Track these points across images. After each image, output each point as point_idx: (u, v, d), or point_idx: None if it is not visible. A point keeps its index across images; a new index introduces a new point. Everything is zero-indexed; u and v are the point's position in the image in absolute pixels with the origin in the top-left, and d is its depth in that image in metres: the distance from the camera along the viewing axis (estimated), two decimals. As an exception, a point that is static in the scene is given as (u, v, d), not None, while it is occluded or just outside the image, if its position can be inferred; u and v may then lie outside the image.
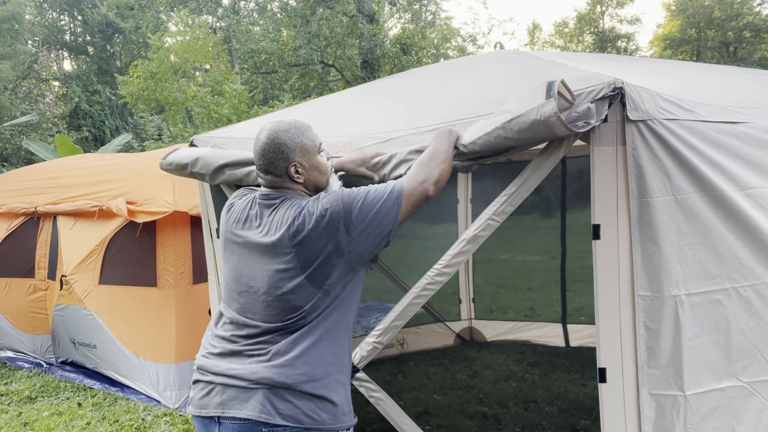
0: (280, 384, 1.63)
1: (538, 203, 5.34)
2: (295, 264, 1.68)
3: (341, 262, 1.69)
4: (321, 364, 1.67)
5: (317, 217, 1.67)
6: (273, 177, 1.80)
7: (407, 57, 20.18)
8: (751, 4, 27.34)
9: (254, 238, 1.76)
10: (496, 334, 5.45)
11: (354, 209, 1.67)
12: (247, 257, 1.77)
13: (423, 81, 3.48)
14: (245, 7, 25.54)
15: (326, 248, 1.67)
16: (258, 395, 1.63)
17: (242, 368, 1.67)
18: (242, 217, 1.83)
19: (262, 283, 1.72)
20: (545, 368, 4.67)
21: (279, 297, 1.69)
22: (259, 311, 1.72)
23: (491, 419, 3.82)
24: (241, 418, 1.63)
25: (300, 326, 1.68)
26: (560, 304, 5.21)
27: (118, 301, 4.67)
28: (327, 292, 1.69)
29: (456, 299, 5.54)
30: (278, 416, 1.61)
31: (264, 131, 1.81)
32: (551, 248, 5.27)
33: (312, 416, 1.64)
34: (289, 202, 1.76)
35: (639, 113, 1.95)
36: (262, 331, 1.70)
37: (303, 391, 1.64)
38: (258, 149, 1.80)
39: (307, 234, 1.67)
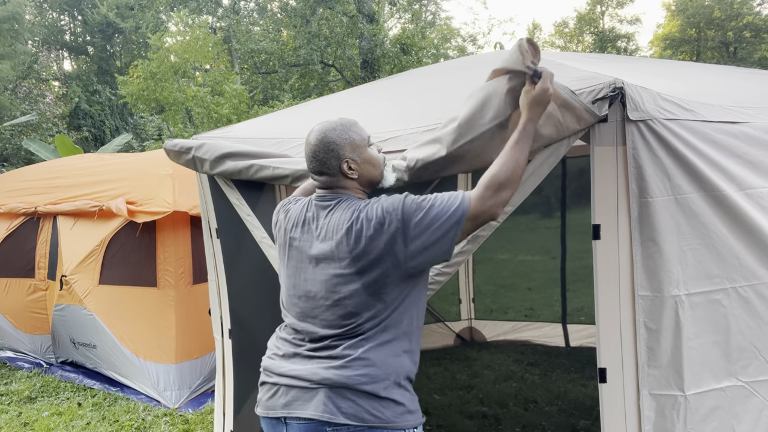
0: (340, 384, 1.62)
1: (538, 203, 5.34)
2: (352, 270, 1.65)
3: (396, 273, 1.65)
4: (381, 366, 1.65)
5: (375, 223, 1.63)
6: (327, 177, 1.78)
7: (407, 57, 20.17)
8: (751, 4, 27.34)
9: (311, 241, 1.75)
10: (496, 334, 5.45)
11: (413, 221, 1.61)
12: (305, 261, 1.76)
13: (423, 81, 3.48)
14: (245, 7, 25.53)
15: (382, 256, 1.63)
16: (320, 395, 1.63)
17: (304, 369, 1.67)
18: (299, 220, 1.82)
19: (320, 287, 1.71)
20: (545, 368, 4.67)
21: (336, 302, 1.68)
22: (318, 316, 1.71)
23: (491, 419, 3.82)
24: (305, 418, 1.63)
25: (359, 332, 1.66)
26: (560, 304, 5.21)
27: (118, 301, 4.67)
28: (384, 301, 1.66)
29: (456, 299, 5.54)
30: (341, 415, 1.61)
31: (312, 133, 1.79)
32: (551, 248, 5.27)
33: (375, 414, 1.62)
34: (345, 203, 1.73)
35: (639, 113, 1.95)
36: (321, 335, 1.70)
37: (363, 391, 1.62)
38: (309, 152, 1.79)
39: (364, 240, 1.63)
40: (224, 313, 3.01)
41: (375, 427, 1.62)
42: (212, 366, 4.56)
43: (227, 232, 2.91)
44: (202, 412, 4.23)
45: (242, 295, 3.16)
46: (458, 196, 1.65)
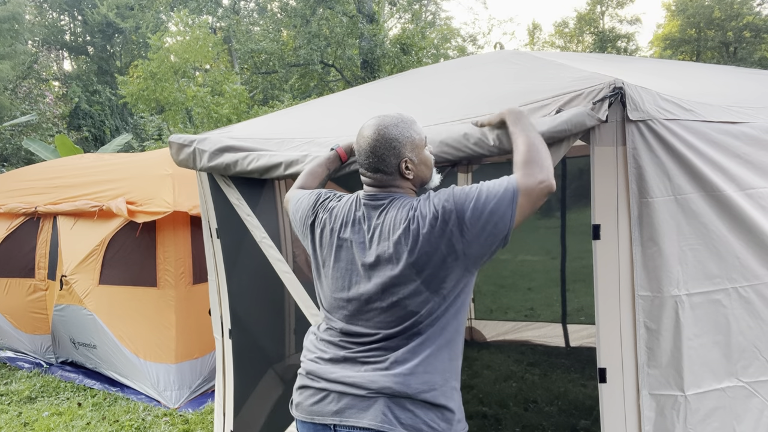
0: (400, 393, 1.57)
1: (538, 203, 5.33)
2: (410, 269, 1.61)
3: (456, 265, 1.61)
4: (439, 372, 1.62)
5: (431, 219, 1.60)
6: (383, 175, 1.72)
7: (407, 57, 20.18)
8: (751, 4, 27.34)
9: (364, 243, 1.70)
10: (496, 334, 5.45)
11: (467, 210, 1.58)
12: (356, 263, 1.70)
13: (423, 81, 3.48)
14: (245, 7, 25.53)
15: (440, 251, 1.59)
16: (378, 404, 1.57)
17: (359, 376, 1.62)
18: (348, 220, 1.75)
19: (375, 289, 1.65)
20: (545, 368, 4.67)
21: (394, 303, 1.63)
22: (372, 318, 1.66)
23: (491, 419, 3.82)
24: (360, 428, 1.58)
25: (417, 333, 1.62)
26: (560, 304, 5.21)
27: (118, 301, 4.67)
28: (443, 297, 1.62)
29: (456, 299, 5.53)
30: (400, 426, 1.56)
31: (370, 128, 1.73)
32: (551, 248, 5.27)
33: (432, 425, 1.58)
34: (398, 202, 1.69)
35: (639, 113, 1.95)
36: (377, 338, 1.65)
37: (423, 401, 1.58)
38: (366, 146, 1.72)
39: (422, 238, 1.59)
40: (224, 313, 3.01)
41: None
42: (212, 366, 4.56)
43: (227, 232, 2.91)
44: (202, 412, 4.23)
45: (242, 295, 3.16)
46: (504, 179, 1.63)
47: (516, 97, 2.20)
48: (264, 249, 2.62)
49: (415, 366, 1.59)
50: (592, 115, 1.88)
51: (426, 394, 1.58)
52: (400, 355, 1.60)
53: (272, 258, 2.60)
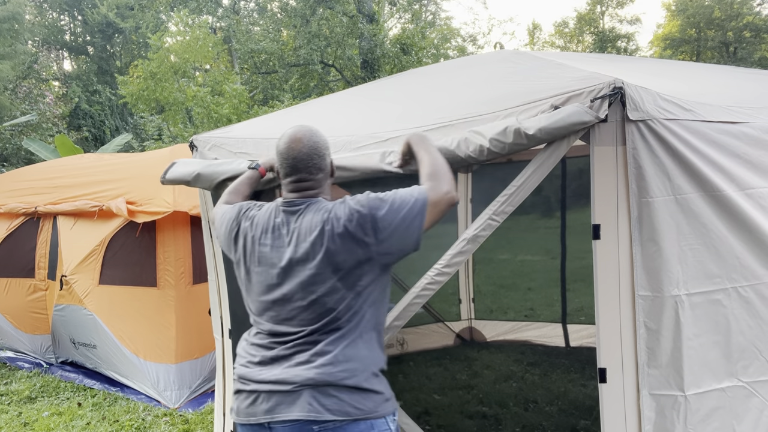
0: (323, 382, 1.67)
1: (538, 203, 5.34)
2: (327, 268, 1.72)
3: (370, 264, 1.73)
4: (358, 360, 1.72)
5: (345, 221, 1.71)
6: (310, 181, 1.83)
7: (407, 57, 20.16)
8: (751, 4, 27.34)
9: (282, 247, 1.79)
10: (496, 334, 5.45)
11: (381, 214, 1.71)
12: (278, 267, 1.79)
13: (423, 81, 3.48)
14: (245, 7, 25.52)
15: (355, 252, 1.71)
16: (304, 396, 1.67)
17: (284, 373, 1.71)
18: (268, 227, 1.85)
19: (296, 289, 1.75)
20: (545, 368, 4.66)
21: (314, 301, 1.73)
22: (295, 317, 1.76)
23: (491, 419, 3.82)
24: (291, 420, 1.67)
25: (336, 327, 1.73)
26: (560, 304, 5.21)
27: (118, 301, 4.67)
28: (359, 293, 1.73)
29: (456, 299, 5.54)
30: (327, 412, 1.66)
31: (294, 140, 1.82)
32: (551, 248, 5.27)
33: (358, 407, 1.68)
34: (314, 207, 1.79)
35: (639, 113, 1.95)
36: (301, 335, 1.74)
37: (346, 386, 1.68)
38: (293, 156, 1.81)
39: (337, 239, 1.71)
40: (224, 313, 3.01)
41: (359, 419, 1.68)
42: (212, 366, 4.56)
43: (227, 232, 2.90)
44: (202, 412, 4.23)
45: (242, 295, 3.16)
46: (415, 189, 1.78)
47: (516, 96, 2.20)
48: (264, 249, 2.62)
49: (335, 357, 1.70)
50: (590, 112, 1.88)
51: (348, 380, 1.69)
52: (321, 348, 1.71)
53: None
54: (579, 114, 1.88)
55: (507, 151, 1.98)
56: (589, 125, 1.91)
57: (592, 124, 1.91)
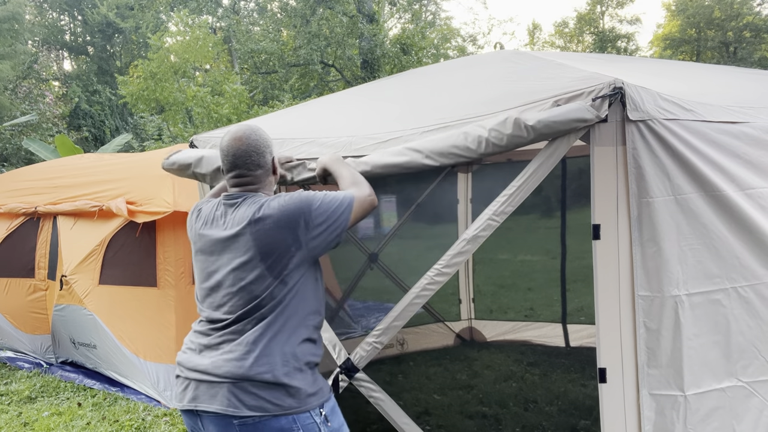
0: (241, 377, 1.74)
1: (538, 203, 5.34)
2: (255, 255, 1.81)
3: (298, 254, 1.82)
4: (280, 354, 1.77)
5: (279, 210, 1.82)
6: (249, 177, 1.94)
7: (407, 57, 20.16)
8: (751, 4, 27.34)
9: (219, 234, 1.90)
10: (496, 334, 5.45)
11: (314, 206, 1.84)
12: (214, 255, 1.90)
13: (423, 81, 3.48)
14: (245, 7, 25.52)
15: (286, 240, 1.81)
16: (224, 390, 1.75)
17: (209, 362, 1.79)
18: (209, 219, 1.97)
19: (227, 276, 1.85)
20: (545, 368, 4.66)
21: (241, 288, 1.81)
22: (226, 303, 1.84)
23: (491, 419, 3.82)
24: (212, 412, 1.76)
25: (261, 317, 1.80)
26: (560, 304, 5.21)
27: (118, 301, 4.66)
28: (284, 282, 1.80)
29: (456, 299, 5.54)
30: (245, 408, 1.72)
31: (235, 138, 1.94)
32: (551, 248, 5.27)
33: (277, 403, 1.74)
34: (250, 199, 1.90)
35: (639, 113, 1.95)
36: (228, 322, 1.82)
37: (263, 381, 1.74)
38: (233, 153, 1.93)
39: (268, 228, 1.81)
40: (224, 313, 3.01)
41: (279, 415, 1.74)
42: (212, 366, 4.55)
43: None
44: (202, 412, 4.23)
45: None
46: (341, 191, 1.96)
47: (516, 96, 2.20)
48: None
49: (257, 350, 1.76)
50: (591, 110, 1.88)
51: (265, 375, 1.74)
52: (244, 338, 1.78)
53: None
54: (580, 111, 1.88)
55: (506, 143, 1.96)
56: (590, 124, 1.91)
57: (592, 122, 1.90)
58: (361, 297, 5.81)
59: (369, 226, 6.83)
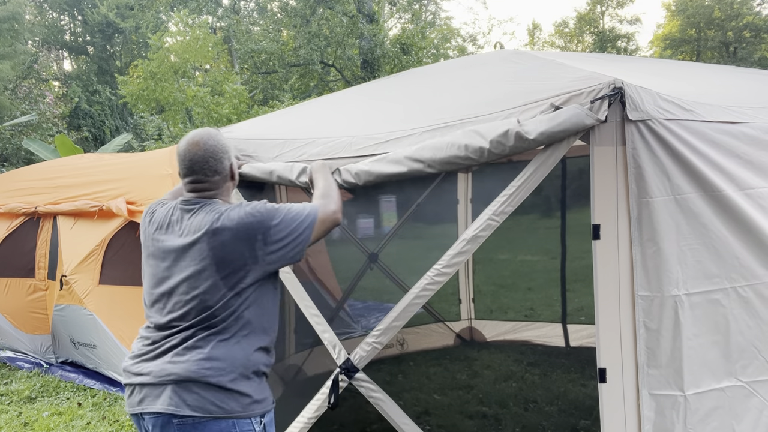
0: (186, 378, 1.73)
1: (538, 203, 5.34)
2: (211, 265, 1.78)
3: (255, 267, 1.80)
4: (228, 360, 1.77)
5: (238, 223, 1.79)
6: (206, 183, 1.91)
7: (407, 57, 20.17)
8: (751, 4, 27.34)
9: (174, 241, 1.87)
10: (496, 334, 5.45)
11: (273, 222, 1.82)
12: (167, 261, 1.87)
13: (423, 81, 3.48)
14: (245, 7, 25.52)
15: (243, 253, 1.79)
16: (167, 390, 1.74)
17: (153, 366, 1.78)
18: (164, 223, 1.93)
19: (181, 283, 1.82)
20: (545, 368, 4.66)
21: (194, 297, 1.79)
22: (177, 310, 1.81)
23: (491, 419, 3.82)
24: (155, 412, 1.75)
25: (212, 325, 1.78)
26: (560, 304, 5.21)
27: (118, 301, 4.66)
28: (239, 294, 1.79)
29: (456, 299, 5.54)
30: (186, 407, 1.72)
31: (192, 143, 1.90)
32: (551, 248, 5.27)
33: (220, 405, 1.74)
34: (208, 207, 1.87)
35: (639, 113, 1.95)
36: (179, 329, 1.80)
37: (208, 383, 1.73)
38: (189, 158, 1.89)
39: (225, 239, 1.78)
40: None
41: (219, 418, 1.73)
42: (212, 366, 4.55)
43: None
44: (202, 412, 4.23)
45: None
46: (307, 205, 1.93)
47: (516, 96, 2.20)
48: (264, 249, 2.62)
49: (205, 354, 1.76)
50: (591, 115, 1.88)
51: (211, 378, 1.73)
52: (193, 343, 1.77)
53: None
54: (579, 116, 1.88)
55: (507, 152, 1.98)
56: (590, 127, 1.91)
57: (592, 126, 1.91)
58: (361, 297, 5.82)
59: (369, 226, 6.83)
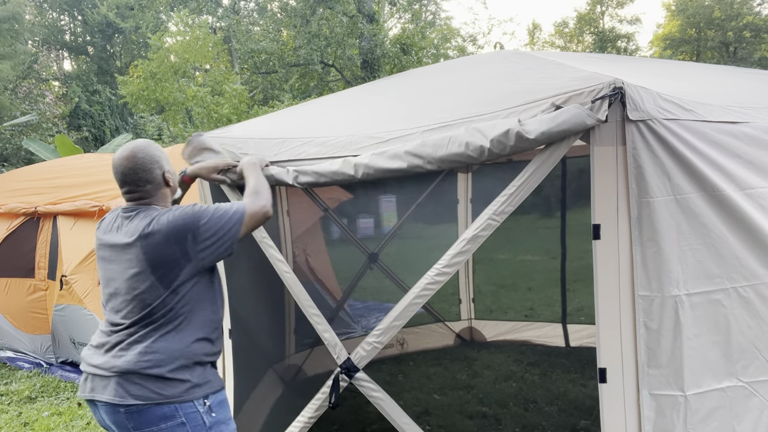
0: (128, 370, 1.90)
1: (538, 203, 5.34)
2: (146, 267, 1.93)
3: (188, 266, 1.95)
4: (167, 352, 1.92)
5: (167, 226, 1.94)
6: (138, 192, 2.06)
7: (407, 57, 20.17)
8: (751, 4, 27.34)
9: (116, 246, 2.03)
10: (496, 334, 5.45)
11: (202, 221, 1.95)
12: (112, 263, 2.04)
13: (423, 81, 3.47)
14: (245, 7, 25.52)
15: (175, 253, 1.93)
16: (112, 382, 1.91)
17: (103, 360, 1.96)
18: (108, 229, 2.10)
19: (123, 284, 1.98)
20: (545, 368, 4.66)
21: (135, 296, 1.95)
22: (122, 309, 1.98)
23: (491, 419, 3.82)
24: (104, 401, 1.93)
25: (151, 321, 1.94)
26: (560, 304, 5.21)
27: (118, 301, 4.66)
28: (175, 291, 1.94)
29: (456, 299, 5.54)
30: (130, 397, 1.89)
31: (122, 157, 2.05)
32: (551, 248, 5.27)
33: (160, 392, 1.89)
34: (144, 213, 2.02)
35: (639, 113, 1.95)
36: (124, 326, 1.97)
37: (149, 375, 1.89)
38: (121, 171, 2.05)
39: (157, 242, 1.93)
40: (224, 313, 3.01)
41: (161, 404, 1.89)
42: (212, 366, 4.55)
43: (227, 232, 2.90)
44: (202, 412, 4.23)
45: (242, 295, 3.16)
46: (235, 203, 2.06)
47: (516, 96, 2.20)
48: (264, 249, 2.62)
49: (144, 348, 1.91)
50: (592, 115, 1.88)
51: (151, 369, 1.89)
52: (135, 339, 1.94)
53: (272, 258, 2.60)
54: (580, 116, 1.88)
55: (508, 152, 1.98)
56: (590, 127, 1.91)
57: (593, 126, 1.91)
58: (361, 297, 5.81)
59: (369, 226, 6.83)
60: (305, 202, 4.55)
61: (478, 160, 2.04)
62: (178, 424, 1.90)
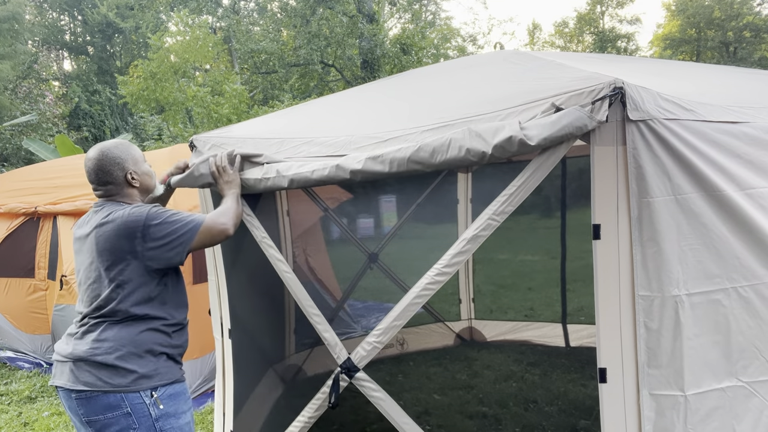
0: (78, 357, 2.00)
1: (538, 203, 5.35)
2: (96, 257, 2.06)
3: (134, 263, 2.04)
4: (115, 341, 2.01)
5: (121, 219, 2.04)
6: (112, 186, 2.18)
7: (407, 57, 20.17)
8: (751, 4, 27.35)
9: (81, 237, 2.15)
10: (496, 334, 5.45)
11: (153, 222, 2.04)
12: (79, 254, 2.17)
13: (423, 81, 3.47)
14: (245, 7, 25.52)
15: (123, 247, 2.03)
16: (67, 368, 2.03)
17: (65, 347, 2.08)
18: (81, 224, 2.21)
19: (83, 275, 2.13)
20: (545, 368, 4.66)
21: (89, 286, 2.08)
22: (83, 300, 2.12)
23: (491, 419, 3.82)
24: (59, 386, 2.05)
25: (103, 314, 2.04)
26: (560, 304, 5.21)
27: (118, 301, 4.66)
28: (121, 286, 2.03)
29: (456, 299, 5.54)
30: (79, 383, 1.99)
31: (87, 158, 2.18)
32: (551, 248, 5.27)
33: (107, 381, 1.98)
34: (108, 207, 2.13)
35: (639, 113, 1.95)
36: (82, 316, 2.10)
37: (96, 362, 1.99)
38: (87, 171, 2.18)
39: (109, 231, 2.04)
40: (224, 313, 3.01)
41: (108, 392, 1.97)
42: (212, 366, 4.55)
43: (227, 232, 2.90)
44: (202, 412, 4.23)
45: (242, 295, 3.16)
46: (197, 214, 2.16)
47: (516, 96, 2.20)
48: (264, 249, 2.62)
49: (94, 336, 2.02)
50: (593, 117, 1.88)
51: (98, 357, 1.99)
52: (87, 329, 2.06)
53: (272, 258, 2.59)
54: (581, 120, 1.88)
55: (508, 156, 1.98)
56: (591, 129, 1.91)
57: (593, 128, 1.91)
58: (361, 297, 5.81)
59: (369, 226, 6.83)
60: (305, 202, 4.55)
61: (478, 163, 2.05)
62: (124, 414, 1.97)
